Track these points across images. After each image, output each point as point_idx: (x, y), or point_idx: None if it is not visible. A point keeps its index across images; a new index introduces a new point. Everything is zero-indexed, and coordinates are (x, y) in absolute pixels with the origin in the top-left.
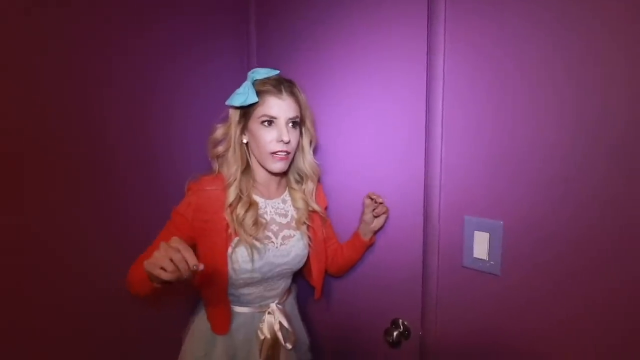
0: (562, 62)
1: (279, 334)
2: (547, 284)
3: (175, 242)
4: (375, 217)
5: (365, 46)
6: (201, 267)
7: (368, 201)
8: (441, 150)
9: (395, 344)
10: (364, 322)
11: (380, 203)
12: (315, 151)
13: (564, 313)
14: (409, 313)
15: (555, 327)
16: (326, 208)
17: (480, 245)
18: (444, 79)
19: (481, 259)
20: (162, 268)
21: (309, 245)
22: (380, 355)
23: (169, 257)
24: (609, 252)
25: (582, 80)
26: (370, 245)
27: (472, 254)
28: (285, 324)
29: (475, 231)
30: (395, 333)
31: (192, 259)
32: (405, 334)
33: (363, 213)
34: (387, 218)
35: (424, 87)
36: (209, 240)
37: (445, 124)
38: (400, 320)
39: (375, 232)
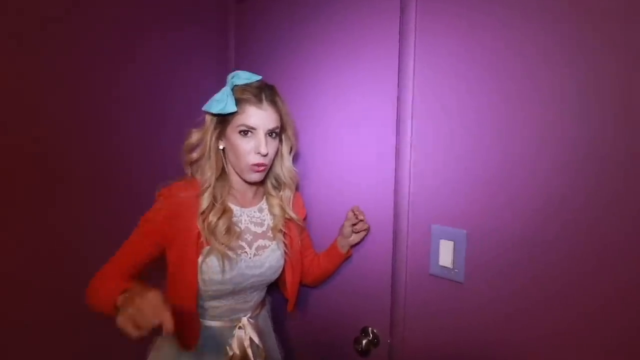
0: (528, 74)
1: (249, 351)
2: (509, 291)
3: (155, 300)
4: (355, 232)
5: (340, 56)
6: (169, 333)
7: (350, 214)
8: (410, 161)
9: (365, 352)
10: (335, 331)
11: (361, 220)
12: (294, 159)
13: (526, 319)
14: (378, 321)
15: (518, 332)
16: (305, 218)
17: (446, 254)
18: (413, 91)
19: (446, 267)
20: (135, 325)
21: (285, 254)
22: None
23: (147, 320)
24: (568, 259)
25: (546, 91)
26: (347, 258)
27: (438, 262)
28: (256, 339)
29: (441, 240)
30: (364, 341)
31: (168, 327)
32: (375, 342)
33: (343, 226)
34: (366, 235)
35: (395, 99)
36: (179, 249)
37: (415, 135)
38: (370, 329)
39: (353, 246)
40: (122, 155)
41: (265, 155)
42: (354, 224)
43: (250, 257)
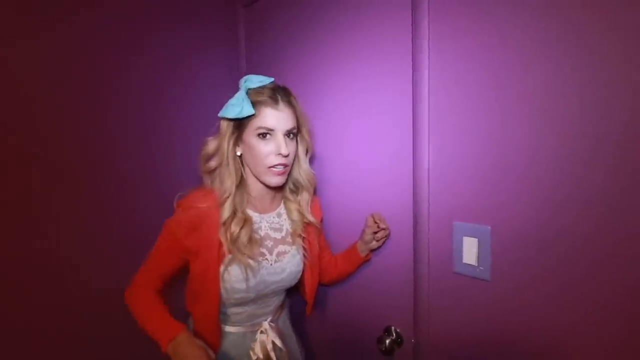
0: (550, 65)
1: (272, 354)
2: (537, 288)
3: None
4: (376, 240)
5: (353, 52)
6: None
7: (371, 222)
8: (428, 157)
9: (389, 351)
10: (357, 331)
11: (383, 229)
12: (310, 161)
13: (555, 316)
14: (401, 320)
15: (547, 330)
16: (322, 220)
17: (470, 251)
18: (429, 85)
19: (471, 265)
20: None
21: (304, 258)
22: None
23: None
24: (598, 254)
25: (569, 83)
26: (366, 261)
27: (461, 259)
28: (278, 343)
29: (464, 237)
30: (387, 341)
31: None
32: (398, 342)
33: (363, 232)
34: (387, 239)
35: (410, 94)
36: (201, 259)
37: (432, 130)
38: (393, 328)
39: (373, 250)
40: (131, 161)
41: (286, 156)
42: (375, 232)
43: (271, 264)
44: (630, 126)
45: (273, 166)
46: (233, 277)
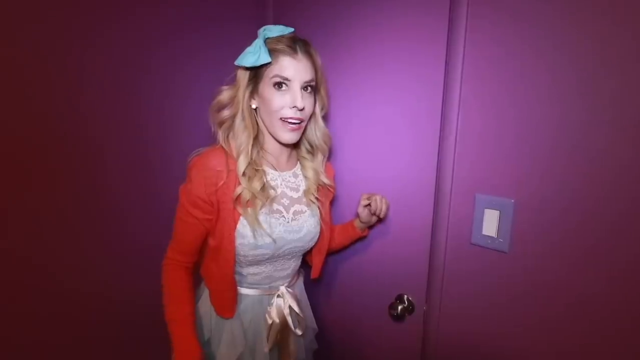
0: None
1: (289, 319)
2: (556, 262)
3: None
4: (373, 214)
5: (389, 17)
6: None
7: (363, 196)
8: (456, 129)
9: (399, 317)
10: (369, 297)
11: (369, 204)
12: (333, 122)
13: (572, 292)
14: (414, 289)
15: (561, 305)
16: (334, 188)
17: (490, 223)
18: (463, 55)
19: (490, 236)
20: None
21: (321, 221)
22: (384, 330)
23: None
24: (623, 233)
25: (606, 57)
26: (363, 238)
27: (481, 231)
28: (295, 308)
29: (485, 209)
30: (399, 307)
31: None
32: (410, 309)
33: (359, 205)
34: (386, 213)
35: (443, 62)
36: (220, 215)
37: (463, 100)
38: (405, 296)
39: (371, 228)
40: (141, 145)
41: (301, 110)
42: (366, 205)
43: (288, 222)
44: None
45: (287, 119)
46: (249, 232)
